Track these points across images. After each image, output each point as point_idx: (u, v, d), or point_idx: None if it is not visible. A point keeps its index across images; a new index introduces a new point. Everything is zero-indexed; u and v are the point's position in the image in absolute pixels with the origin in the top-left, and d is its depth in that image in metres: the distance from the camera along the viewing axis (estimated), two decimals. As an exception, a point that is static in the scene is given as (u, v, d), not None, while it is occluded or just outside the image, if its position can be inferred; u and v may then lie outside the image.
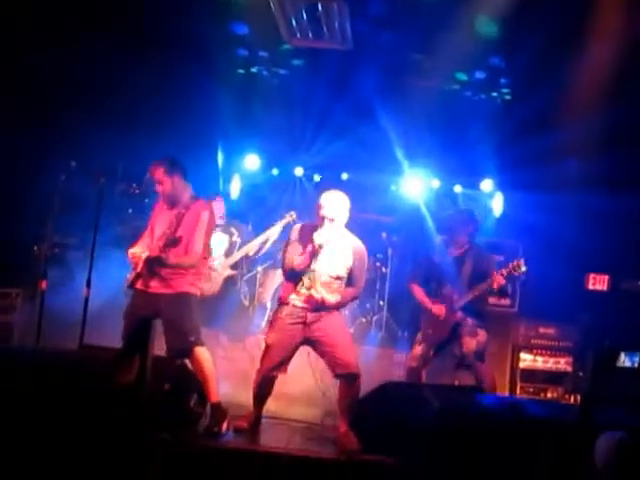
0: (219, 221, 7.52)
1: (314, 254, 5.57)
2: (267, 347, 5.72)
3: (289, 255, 5.71)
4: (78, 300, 6.31)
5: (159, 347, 5.68)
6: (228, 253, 7.94)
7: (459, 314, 6.60)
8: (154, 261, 5.60)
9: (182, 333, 5.61)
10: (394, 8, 7.95)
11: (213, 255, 7.36)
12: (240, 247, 8.05)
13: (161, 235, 5.70)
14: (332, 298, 5.65)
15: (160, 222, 5.86)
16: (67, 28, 7.64)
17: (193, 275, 5.76)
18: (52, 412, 4.81)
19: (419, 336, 6.83)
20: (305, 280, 5.64)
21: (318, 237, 5.53)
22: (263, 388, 5.77)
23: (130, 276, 5.76)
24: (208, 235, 5.83)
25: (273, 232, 8.06)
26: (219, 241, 7.79)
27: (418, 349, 6.75)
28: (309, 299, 5.62)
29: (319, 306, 5.62)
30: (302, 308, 5.66)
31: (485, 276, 6.56)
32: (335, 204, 5.70)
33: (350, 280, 5.79)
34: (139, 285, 5.70)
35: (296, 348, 5.76)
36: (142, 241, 5.93)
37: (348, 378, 5.63)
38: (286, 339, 5.67)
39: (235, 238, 8.07)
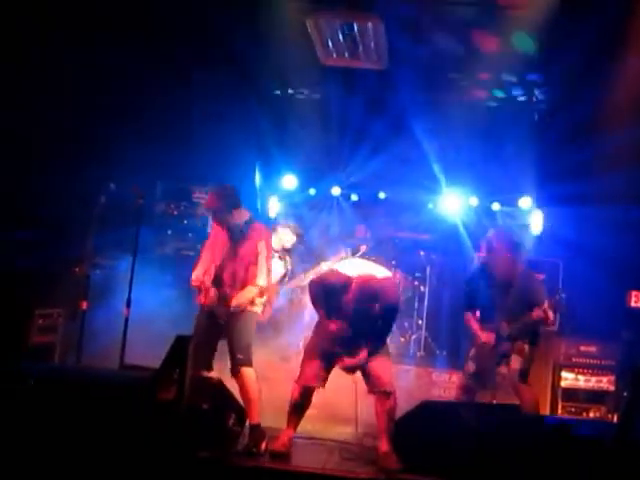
0: (286, 244, 7.65)
1: None
2: (305, 354, 5.76)
3: None
4: (118, 320, 6.36)
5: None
6: (282, 281, 7.91)
7: (507, 345, 6.51)
8: (219, 286, 5.75)
9: (232, 350, 5.73)
10: (430, 25, 7.93)
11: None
12: (292, 277, 8.04)
13: (222, 261, 5.83)
14: None
15: (217, 245, 5.97)
16: (106, 50, 7.74)
17: (256, 294, 5.84)
18: (93, 431, 4.84)
19: (472, 352, 6.69)
20: None
21: None
22: (301, 401, 5.73)
23: (200, 299, 5.87)
24: (267, 263, 5.89)
25: (327, 265, 8.02)
26: (278, 267, 7.69)
27: (470, 366, 6.62)
28: None
29: None
30: None
31: (533, 302, 6.46)
32: None
33: None
34: (207, 305, 5.82)
35: (334, 360, 5.70)
36: (202, 262, 6.01)
37: (382, 394, 5.60)
38: (326, 346, 5.65)
39: (288, 266, 8.05)
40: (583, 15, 7.32)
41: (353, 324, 5.51)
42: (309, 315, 8.30)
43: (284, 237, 7.72)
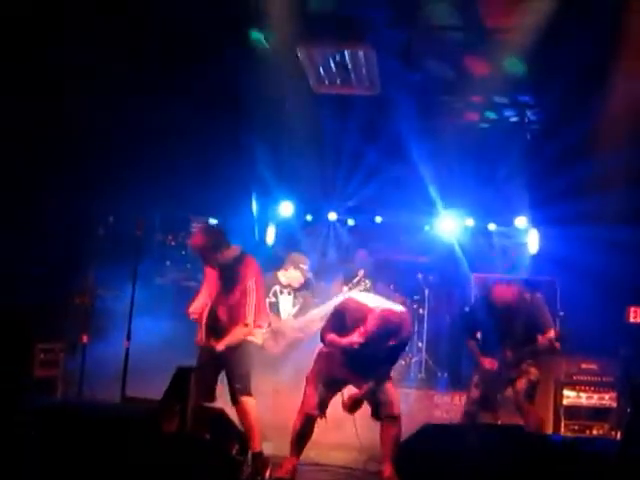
0: (294, 284, 7.56)
1: None
2: (307, 382, 5.74)
3: None
4: (119, 352, 6.38)
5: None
6: (297, 315, 7.73)
7: (513, 372, 6.53)
8: (213, 321, 5.81)
9: (230, 380, 5.77)
10: (421, 51, 8.02)
11: (282, 316, 7.43)
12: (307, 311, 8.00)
13: (215, 296, 5.87)
14: None
15: (211, 282, 6.02)
16: (104, 82, 7.81)
17: (246, 333, 5.87)
18: (97, 465, 4.84)
19: (476, 378, 6.72)
20: None
21: None
22: (303, 429, 5.70)
23: (199, 334, 5.94)
24: (259, 298, 5.91)
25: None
26: (288, 303, 7.65)
27: (475, 392, 6.64)
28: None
29: None
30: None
31: (539, 329, 6.49)
32: None
33: None
34: (206, 341, 5.88)
35: (338, 387, 5.75)
36: (199, 297, 6.08)
37: (390, 420, 5.61)
38: (329, 375, 5.68)
39: (299, 299, 7.98)
40: (571, 38, 7.42)
41: (365, 354, 5.53)
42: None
43: (292, 276, 7.61)
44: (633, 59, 7.37)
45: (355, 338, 5.47)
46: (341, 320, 5.68)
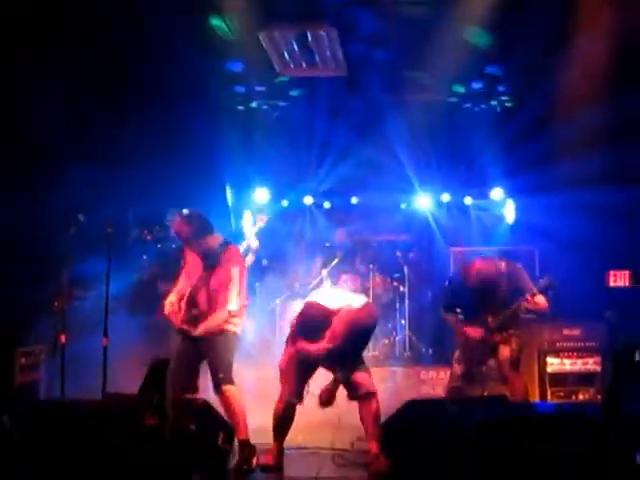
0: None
1: None
2: (282, 372, 5.73)
3: None
4: (99, 350, 6.34)
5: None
6: None
7: (497, 337, 6.52)
8: (192, 307, 5.75)
9: (214, 370, 5.71)
10: (383, 28, 7.98)
11: None
12: None
13: (195, 286, 5.80)
14: None
15: (191, 269, 5.96)
16: (65, 79, 7.73)
17: (235, 317, 5.84)
18: (82, 463, 4.81)
19: (457, 354, 6.71)
20: None
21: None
22: (284, 417, 5.71)
23: (175, 323, 5.87)
24: (242, 286, 5.88)
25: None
26: None
27: (457, 368, 6.62)
28: None
29: None
30: None
31: (518, 292, 6.48)
32: None
33: None
34: (184, 330, 5.80)
35: (312, 371, 5.75)
36: (176, 288, 6.02)
37: (364, 398, 5.60)
38: (301, 362, 5.66)
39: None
40: (533, 5, 7.41)
41: (333, 351, 5.54)
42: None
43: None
44: (592, 22, 7.38)
45: (323, 345, 5.52)
46: (306, 325, 5.69)
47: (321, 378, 5.76)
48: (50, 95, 7.62)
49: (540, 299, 6.39)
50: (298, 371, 5.68)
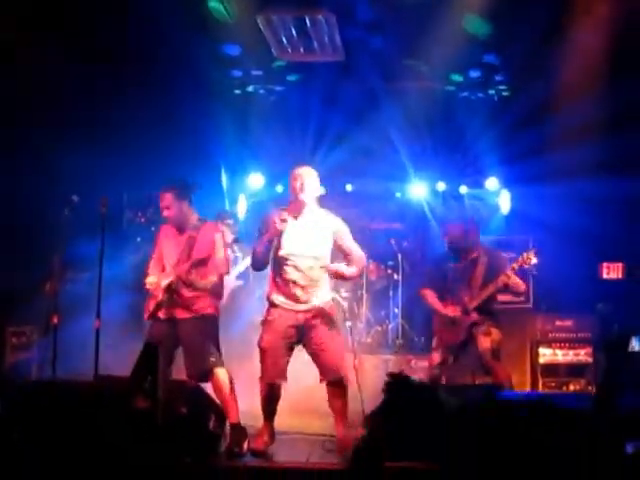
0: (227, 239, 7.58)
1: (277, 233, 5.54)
2: (262, 352, 5.68)
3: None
4: (91, 332, 6.32)
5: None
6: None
7: (474, 315, 6.56)
8: (175, 288, 5.71)
9: (202, 355, 5.70)
10: (382, 14, 7.94)
11: None
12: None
13: (177, 261, 5.75)
14: (347, 271, 5.69)
15: (170, 247, 5.96)
16: (61, 58, 7.68)
17: (213, 296, 5.84)
18: (72, 443, 4.81)
19: (434, 342, 6.80)
20: (290, 272, 5.58)
21: (282, 213, 5.54)
22: (270, 397, 5.71)
23: (150, 307, 5.83)
24: (226, 252, 5.95)
25: None
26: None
27: (436, 356, 6.71)
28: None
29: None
30: (294, 311, 5.65)
31: (496, 274, 6.54)
32: (303, 178, 5.70)
33: (347, 256, 5.81)
34: (161, 314, 5.77)
35: (292, 350, 5.74)
36: (153, 269, 6.00)
37: (334, 383, 5.64)
38: (280, 342, 5.64)
39: (237, 253, 8.16)
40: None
41: None
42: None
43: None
44: (589, 10, 7.37)
45: None
46: None
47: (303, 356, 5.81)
48: (46, 77, 7.57)
49: (516, 278, 6.44)
50: (279, 350, 5.64)
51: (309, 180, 5.71)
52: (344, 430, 5.65)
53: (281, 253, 5.62)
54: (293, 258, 5.60)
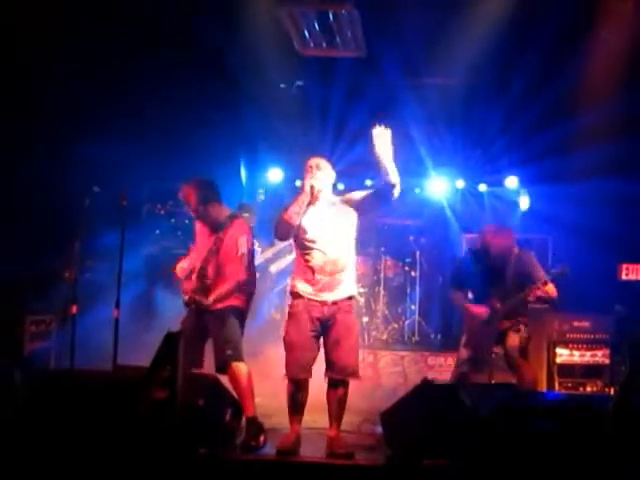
0: None
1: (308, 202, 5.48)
2: (289, 346, 5.53)
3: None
4: (110, 322, 6.35)
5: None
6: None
7: (504, 322, 6.51)
8: (203, 279, 5.72)
9: (221, 346, 5.70)
10: (405, 9, 7.90)
11: None
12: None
13: (204, 259, 5.81)
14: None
15: (201, 243, 5.97)
16: (86, 47, 7.71)
17: (244, 292, 5.84)
18: (90, 433, 4.83)
19: (464, 339, 6.70)
20: (317, 256, 5.49)
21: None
22: (295, 394, 5.55)
23: (186, 295, 5.86)
24: (250, 256, 5.87)
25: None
26: None
27: (464, 352, 6.60)
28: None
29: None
30: (319, 302, 5.51)
31: (527, 279, 6.44)
32: (317, 168, 5.59)
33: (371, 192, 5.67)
34: (195, 299, 5.78)
35: (318, 344, 5.56)
36: (189, 257, 6.05)
37: (336, 382, 5.52)
38: (307, 334, 5.50)
39: (257, 247, 8.16)
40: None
41: None
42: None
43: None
44: (614, 10, 7.31)
45: None
46: None
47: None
48: (70, 66, 7.60)
49: (551, 287, 6.37)
50: (305, 344, 5.49)
51: (323, 170, 5.65)
52: (336, 431, 5.54)
53: (306, 237, 5.51)
54: (319, 241, 5.48)
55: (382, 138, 5.41)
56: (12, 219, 7.47)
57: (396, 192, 5.49)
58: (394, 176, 5.42)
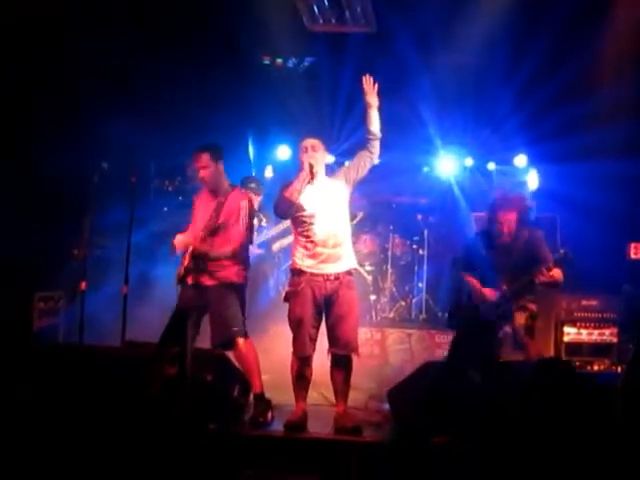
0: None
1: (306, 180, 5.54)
2: (296, 324, 5.56)
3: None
4: (118, 298, 6.37)
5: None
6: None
7: (510, 305, 6.49)
8: (199, 255, 5.73)
9: (225, 323, 5.71)
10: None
11: None
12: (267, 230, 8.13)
13: (204, 226, 5.82)
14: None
15: (202, 213, 5.99)
16: (99, 31, 7.68)
17: (239, 265, 5.85)
18: (98, 407, 4.87)
19: None
20: (317, 231, 5.53)
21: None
22: (302, 372, 5.59)
23: (179, 271, 5.86)
24: (250, 222, 5.92)
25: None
26: None
27: None
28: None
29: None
30: (322, 277, 5.55)
31: (535, 261, 6.42)
32: (311, 149, 5.69)
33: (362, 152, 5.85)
34: (189, 280, 5.80)
35: (320, 320, 5.61)
36: (187, 232, 6.04)
37: (339, 357, 5.55)
38: (311, 311, 5.54)
39: (263, 224, 8.12)
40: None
41: None
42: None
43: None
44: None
45: None
46: None
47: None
48: (84, 44, 7.59)
49: (556, 272, 6.34)
50: (308, 321, 5.52)
51: (317, 150, 5.70)
52: (343, 406, 5.59)
53: (305, 213, 5.55)
54: (318, 216, 5.53)
55: (370, 88, 5.72)
56: (21, 196, 7.48)
57: (377, 145, 5.83)
58: (376, 125, 5.77)
